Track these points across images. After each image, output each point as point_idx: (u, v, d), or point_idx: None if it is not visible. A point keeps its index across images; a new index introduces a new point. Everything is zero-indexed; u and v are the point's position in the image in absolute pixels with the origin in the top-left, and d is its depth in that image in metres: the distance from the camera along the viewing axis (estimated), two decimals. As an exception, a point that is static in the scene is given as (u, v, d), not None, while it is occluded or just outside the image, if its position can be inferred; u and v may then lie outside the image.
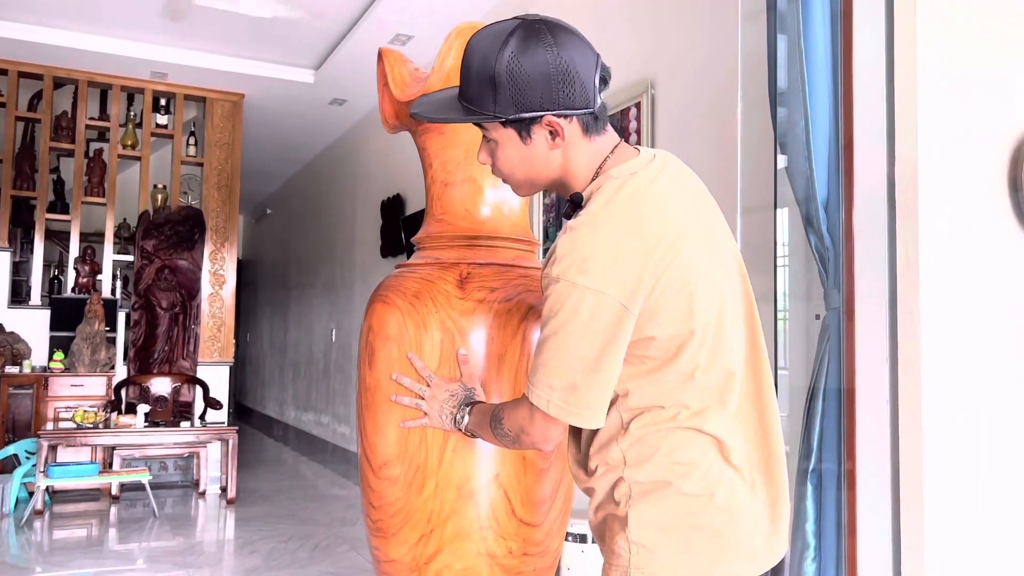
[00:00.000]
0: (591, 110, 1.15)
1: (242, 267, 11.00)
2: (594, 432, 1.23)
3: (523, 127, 1.15)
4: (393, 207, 6.16)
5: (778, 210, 2.41)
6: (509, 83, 1.11)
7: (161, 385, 5.79)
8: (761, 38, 2.42)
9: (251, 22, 5.26)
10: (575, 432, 1.28)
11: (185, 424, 5.55)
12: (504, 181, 1.26)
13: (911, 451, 2.05)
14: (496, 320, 1.54)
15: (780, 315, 2.47)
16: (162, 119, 6.35)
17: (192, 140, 6.50)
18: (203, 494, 5.71)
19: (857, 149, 2.17)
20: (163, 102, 6.38)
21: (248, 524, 4.85)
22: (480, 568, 1.52)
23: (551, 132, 1.15)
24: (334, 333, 7.41)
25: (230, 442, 5.49)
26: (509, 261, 1.66)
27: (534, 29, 1.12)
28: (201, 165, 6.48)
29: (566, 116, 1.14)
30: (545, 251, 4.06)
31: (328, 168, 8.02)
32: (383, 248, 6.26)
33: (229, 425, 5.77)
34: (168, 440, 5.49)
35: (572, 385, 1.13)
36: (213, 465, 5.86)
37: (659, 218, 1.14)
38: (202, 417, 5.80)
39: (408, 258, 1.73)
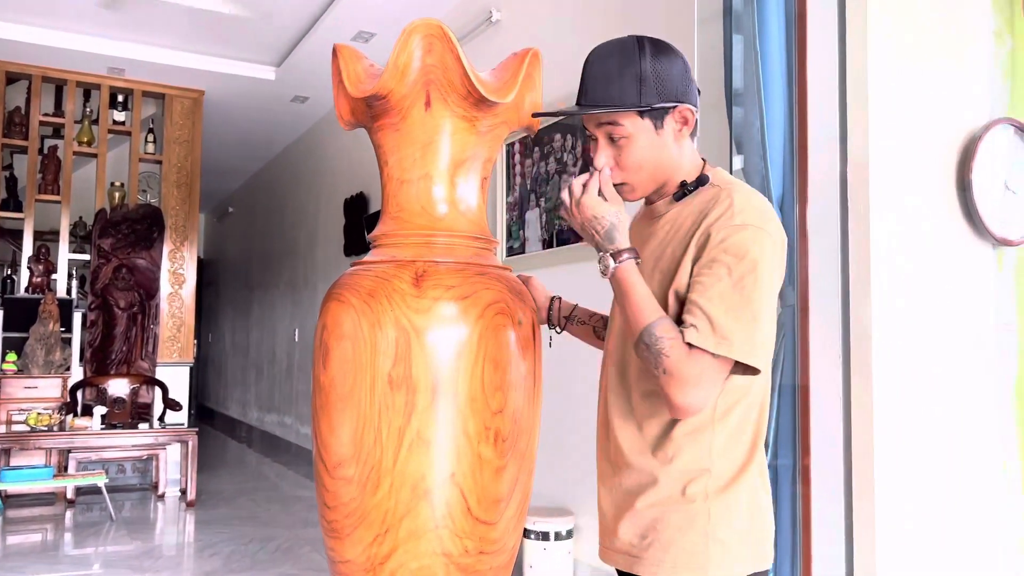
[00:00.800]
0: (697, 108, 1.32)
1: (203, 266, 10.84)
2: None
3: (659, 116, 1.28)
4: (356, 205, 6.12)
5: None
6: (654, 77, 1.27)
7: (119, 386, 5.69)
8: (717, 40, 2.45)
9: (210, 18, 5.19)
10: (649, 409, 1.29)
11: (143, 426, 5.45)
12: (626, 182, 1.33)
13: (862, 447, 2.08)
14: (452, 318, 1.54)
15: (737, 313, 2.50)
16: (119, 116, 6.24)
17: (151, 137, 6.39)
18: (162, 497, 5.62)
19: (811, 149, 2.21)
20: (120, 98, 6.26)
21: (208, 527, 4.78)
22: (436, 567, 1.51)
23: (681, 121, 1.30)
24: (297, 333, 7.34)
25: (190, 444, 5.41)
26: (466, 259, 1.65)
27: (654, 40, 1.31)
28: (160, 163, 6.38)
29: (691, 110, 1.31)
30: (510, 249, 4.06)
31: (291, 166, 7.94)
32: (346, 247, 6.22)
33: (189, 427, 5.69)
34: (126, 442, 5.39)
35: (754, 322, 1.17)
36: (172, 467, 5.77)
37: None
38: (161, 419, 5.71)
39: (365, 256, 1.72)
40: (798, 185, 2.21)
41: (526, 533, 3.34)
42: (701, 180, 1.31)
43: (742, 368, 1.20)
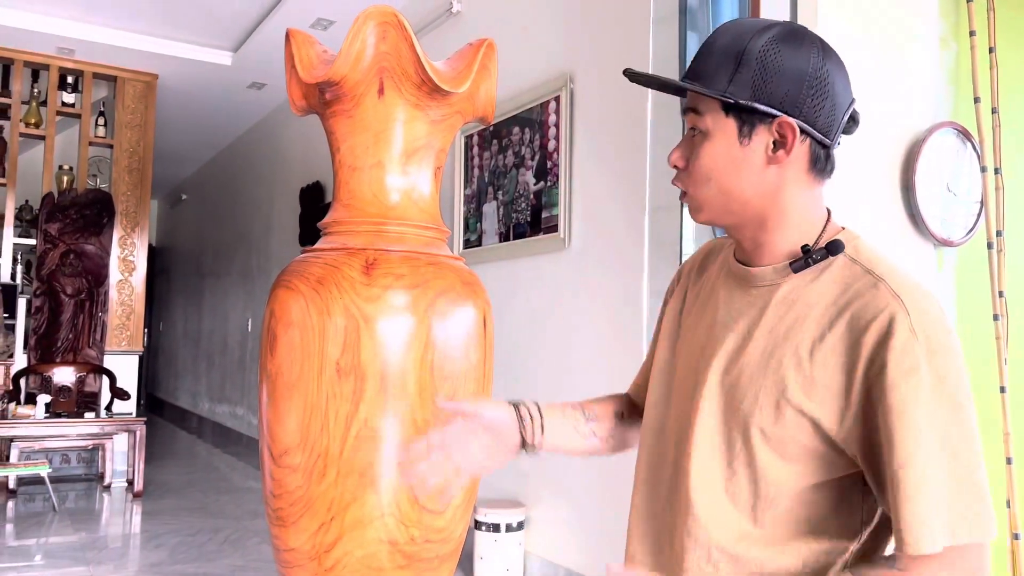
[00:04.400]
0: (828, 140, 0.95)
1: (155, 254, 10.63)
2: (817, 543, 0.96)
3: (747, 121, 0.95)
4: (312, 194, 6.06)
5: (685, 208, 2.47)
6: (757, 65, 0.92)
7: (64, 375, 5.55)
8: (672, 39, 2.48)
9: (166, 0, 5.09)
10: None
11: (89, 415, 5.34)
12: (692, 192, 1.01)
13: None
14: (402, 307, 1.54)
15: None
16: (69, 97, 6.07)
17: (101, 120, 6.23)
18: (108, 487, 5.51)
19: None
20: (70, 80, 6.10)
21: (155, 518, 4.70)
22: (380, 555, 1.52)
23: (777, 140, 0.94)
24: (250, 323, 7.24)
25: (137, 433, 5.31)
26: (418, 248, 1.65)
27: (803, 30, 0.96)
28: (111, 147, 6.23)
29: (802, 131, 0.94)
30: (467, 242, 4.05)
31: (246, 153, 7.82)
32: (301, 236, 6.15)
33: (138, 416, 5.58)
34: (71, 432, 5.27)
35: (983, 480, 0.88)
36: (119, 458, 5.66)
37: None
38: (108, 408, 5.60)
39: (315, 244, 1.70)
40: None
41: (477, 525, 3.35)
42: (833, 248, 0.94)
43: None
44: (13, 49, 5.78)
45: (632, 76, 1.02)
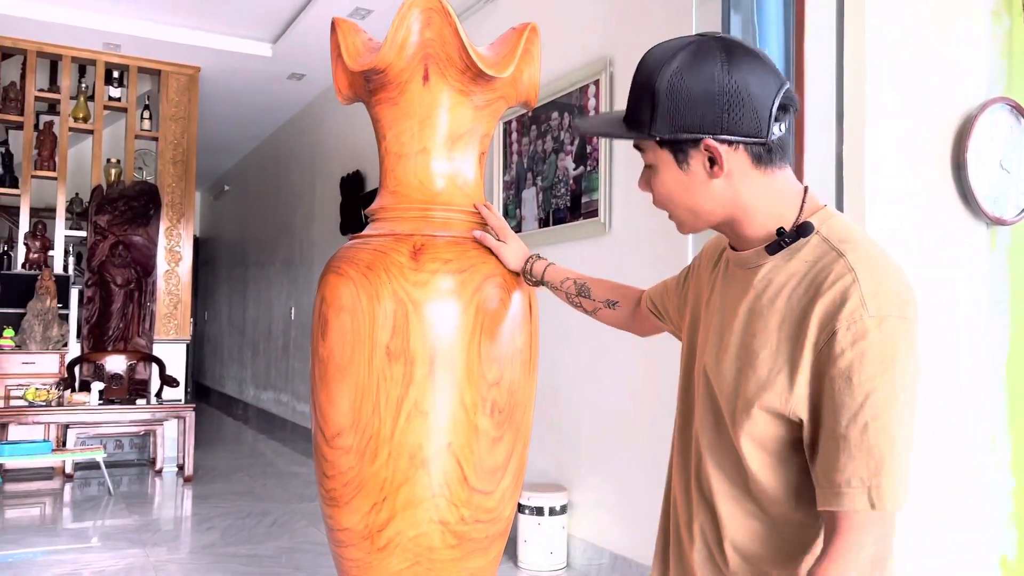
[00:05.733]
0: (762, 139, 1.00)
1: (200, 244, 10.83)
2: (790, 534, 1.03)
3: (679, 150, 1.03)
4: (353, 184, 6.12)
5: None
6: (668, 100, 1.00)
7: (116, 363, 5.71)
8: (715, 19, 2.45)
9: (207, -7, 5.16)
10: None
11: (141, 402, 5.48)
12: (669, 216, 1.11)
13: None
14: (450, 291, 1.56)
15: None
16: (115, 92, 6.21)
17: (147, 114, 6.36)
18: (160, 472, 5.66)
19: (807, 128, 2.22)
20: (116, 75, 6.23)
21: (205, 501, 4.82)
22: (432, 534, 1.54)
23: (710, 159, 1.01)
24: (293, 311, 7.35)
25: (187, 420, 5.44)
26: (463, 233, 1.67)
27: (707, 46, 1.01)
28: (156, 139, 6.35)
29: (730, 143, 1.00)
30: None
31: (287, 144, 7.92)
32: (343, 225, 6.22)
33: (186, 403, 5.71)
34: (123, 418, 5.42)
35: (908, 456, 0.93)
36: (170, 443, 5.81)
37: None
38: (158, 395, 5.74)
39: (363, 230, 1.73)
40: (794, 164, 2.22)
41: (520, 508, 3.37)
42: (803, 230, 1.01)
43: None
44: (61, 45, 5.92)
45: (576, 129, 1.15)
